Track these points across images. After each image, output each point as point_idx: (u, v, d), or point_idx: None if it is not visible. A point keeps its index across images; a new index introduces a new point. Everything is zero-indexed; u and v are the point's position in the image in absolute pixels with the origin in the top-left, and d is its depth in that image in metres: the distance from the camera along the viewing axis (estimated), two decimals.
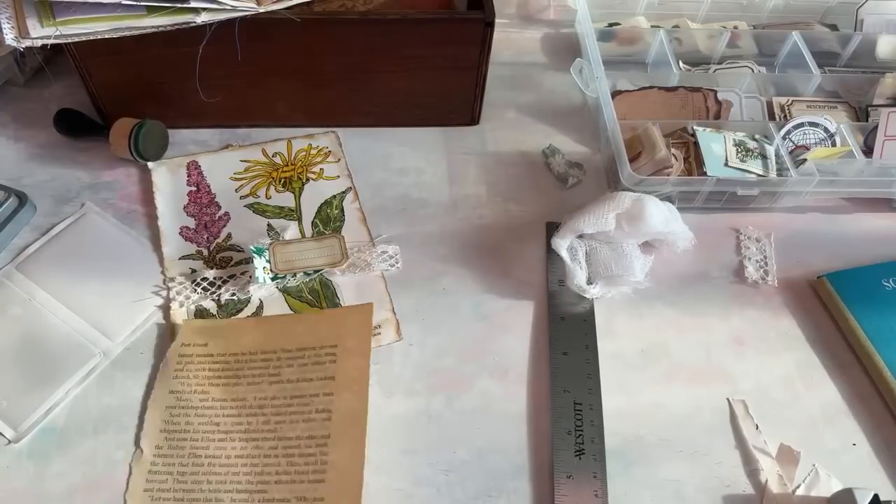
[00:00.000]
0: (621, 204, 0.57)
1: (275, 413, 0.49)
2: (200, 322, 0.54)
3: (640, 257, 0.59)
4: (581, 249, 0.59)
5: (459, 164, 0.67)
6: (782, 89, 0.73)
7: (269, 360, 0.52)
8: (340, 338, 0.52)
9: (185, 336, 0.53)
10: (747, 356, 0.56)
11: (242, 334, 0.54)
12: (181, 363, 0.52)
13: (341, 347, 0.52)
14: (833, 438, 0.52)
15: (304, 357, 0.52)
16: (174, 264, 0.58)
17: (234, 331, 0.54)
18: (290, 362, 0.52)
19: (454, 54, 0.62)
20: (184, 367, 0.52)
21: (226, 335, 0.53)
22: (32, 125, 0.66)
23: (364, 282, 0.58)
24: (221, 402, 0.50)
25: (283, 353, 0.52)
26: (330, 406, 0.49)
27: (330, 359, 0.51)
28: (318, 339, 0.52)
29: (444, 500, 0.48)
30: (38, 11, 0.54)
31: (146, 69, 0.61)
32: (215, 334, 0.54)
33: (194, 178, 0.64)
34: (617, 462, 0.50)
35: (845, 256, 0.61)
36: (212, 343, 0.53)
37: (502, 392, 0.53)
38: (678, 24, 0.78)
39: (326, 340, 0.52)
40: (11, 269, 0.56)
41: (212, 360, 0.52)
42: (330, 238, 0.58)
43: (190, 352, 0.53)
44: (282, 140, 0.67)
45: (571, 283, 0.56)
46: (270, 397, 0.50)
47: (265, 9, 0.56)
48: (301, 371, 0.51)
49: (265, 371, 0.51)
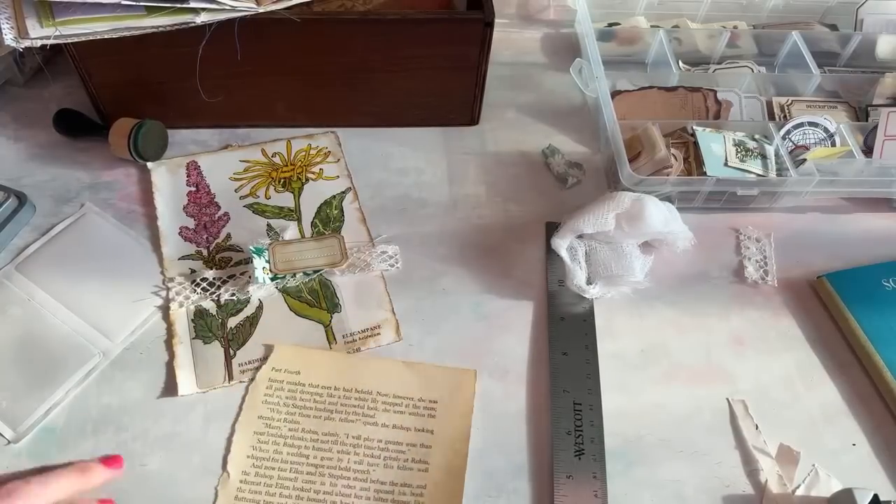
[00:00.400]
0: (621, 204, 0.57)
1: (368, 455, 0.49)
2: (294, 348, 0.54)
3: (640, 257, 0.59)
4: (581, 249, 0.59)
5: (459, 164, 0.67)
6: (782, 89, 0.73)
7: (364, 399, 0.51)
8: (442, 395, 0.52)
9: (277, 360, 0.53)
10: (747, 356, 0.56)
11: (339, 368, 0.53)
12: (271, 388, 0.51)
13: (441, 404, 0.51)
14: (833, 438, 0.52)
15: (401, 405, 0.51)
16: (174, 264, 0.58)
17: (331, 362, 0.53)
18: (387, 407, 0.51)
19: (454, 54, 0.62)
20: (273, 392, 0.51)
21: (321, 365, 0.53)
22: (32, 125, 0.66)
23: (364, 282, 0.58)
24: (312, 435, 0.49)
25: (380, 397, 0.51)
26: (427, 458, 0.49)
27: (429, 413, 0.51)
28: (419, 392, 0.52)
29: None
30: (38, 12, 0.54)
31: (146, 69, 0.61)
32: (309, 363, 0.53)
33: (194, 179, 0.64)
34: (617, 462, 0.50)
35: (845, 256, 0.61)
36: (305, 371, 0.52)
37: (502, 392, 0.53)
38: (678, 24, 0.77)
39: (427, 395, 0.52)
40: (11, 270, 0.56)
41: (303, 390, 0.51)
42: (329, 238, 0.58)
43: (281, 377, 0.52)
44: (281, 140, 0.67)
45: (571, 283, 0.56)
46: (364, 437, 0.50)
47: (265, 9, 0.56)
48: (398, 418, 0.51)
49: (360, 410, 0.51)
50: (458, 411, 0.51)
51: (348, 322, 0.56)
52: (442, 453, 0.49)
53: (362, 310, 0.56)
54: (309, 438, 0.49)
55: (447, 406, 0.51)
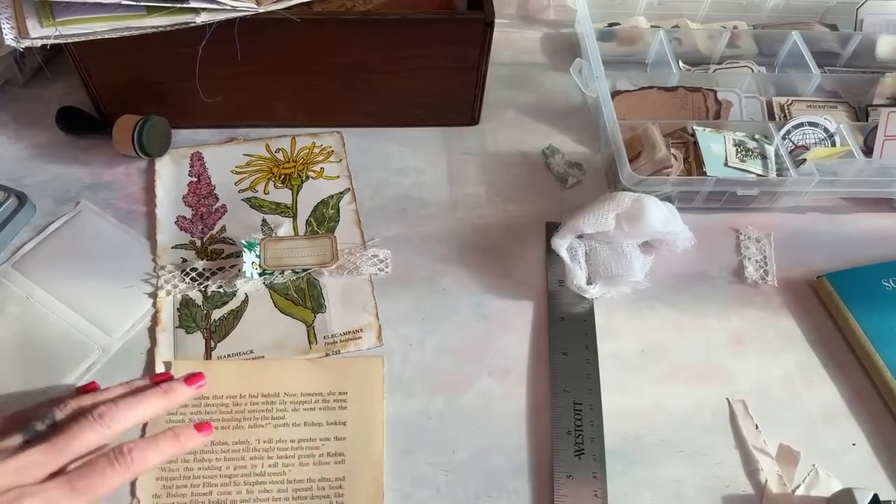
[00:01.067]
0: (621, 204, 0.57)
1: (282, 456, 0.49)
2: (192, 363, 0.52)
3: (640, 257, 0.59)
4: (581, 249, 0.59)
5: (459, 164, 0.67)
6: (782, 89, 0.73)
7: (272, 402, 0.51)
8: (350, 386, 0.52)
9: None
10: (747, 356, 0.56)
11: (239, 376, 0.52)
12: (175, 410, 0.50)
13: (351, 394, 0.51)
14: (833, 438, 0.52)
15: (310, 402, 0.51)
16: (166, 252, 0.58)
17: (229, 372, 0.52)
18: (296, 406, 0.51)
19: (454, 54, 0.62)
20: (176, 410, 0.50)
21: (220, 376, 0.52)
22: (32, 125, 0.66)
23: (351, 284, 0.58)
24: (222, 446, 0.49)
25: (287, 397, 0.51)
26: (342, 450, 0.49)
27: (340, 405, 0.51)
28: (327, 386, 0.52)
29: (443, 500, 0.48)
30: (38, 11, 0.54)
31: (146, 69, 0.61)
32: (213, 374, 0.50)
33: (196, 169, 0.64)
34: (617, 462, 0.50)
35: (845, 256, 0.61)
36: (208, 384, 0.50)
37: (502, 392, 0.53)
38: (678, 24, 0.77)
39: (335, 387, 0.52)
40: (8, 268, 0.56)
41: (207, 403, 0.51)
42: (322, 238, 0.58)
43: None
44: (286, 137, 0.67)
45: (571, 283, 0.56)
46: (277, 440, 0.49)
47: (265, 9, 0.56)
48: (308, 415, 0.50)
49: (269, 414, 0.50)
50: (368, 398, 0.51)
51: (331, 323, 0.55)
52: (357, 442, 0.49)
53: (347, 312, 0.56)
54: (219, 450, 0.49)
55: (357, 395, 0.51)
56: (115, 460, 0.39)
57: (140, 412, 0.43)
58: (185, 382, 0.46)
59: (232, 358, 0.53)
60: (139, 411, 0.43)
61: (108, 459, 0.39)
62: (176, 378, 0.46)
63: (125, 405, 0.42)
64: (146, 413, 0.43)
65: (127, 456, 0.40)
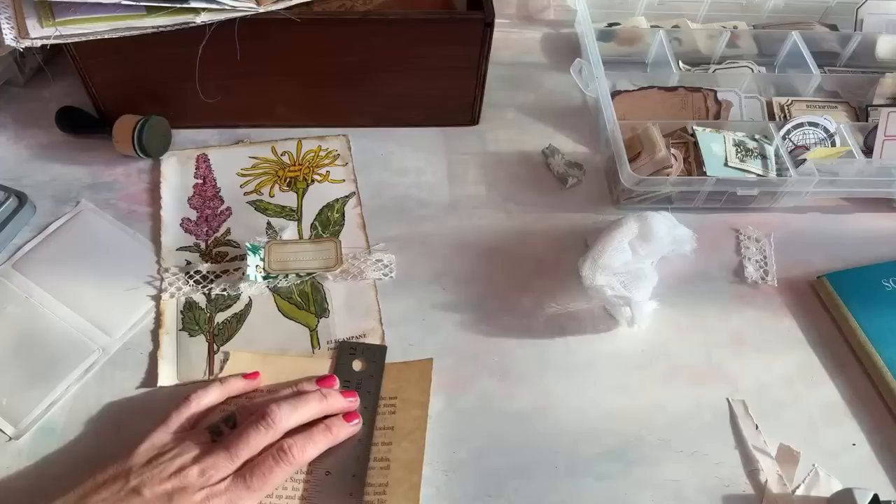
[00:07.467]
0: (629, 228, 0.56)
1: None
2: (250, 354, 0.53)
3: (654, 276, 0.57)
4: (617, 283, 0.55)
5: (459, 164, 0.67)
6: (782, 89, 0.73)
7: None
8: (400, 390, 0.52)
9: (233, 368, 0.52)
10: (747, 356, 0.56)
11: (301, 372, 0.52)
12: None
13: (400, 399, 0.51)
14: (833, 438, 0.52)
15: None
16: (171, 254, 0.58)
17: (291, 367, 0.52)
18: None
19: (454, 54, 0.62)
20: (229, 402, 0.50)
21: (281, 370, 0.52)
22: (32, 125, 0.66)
23: (355, 289, 0.57)
24: None
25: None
26: (388, 455, 0.49)
27: (389, 410, 0.51)
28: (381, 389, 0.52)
29: (443, 500, 0.48)
30: (38, 12, 0.54)
31: (146, 69, 0.61)
32: (270, 368, 0.52)
33: (202, 171, 0.64)
34: (617, 462, 0.50)
35: (845, 256, 0.61)
36: (265, 377, 0.51)
37: (502, 392, 0.53)
38: (678, 24, 0.77)
39: (386, 392, 0.51)
40: (8, 268, 0.56)
41: (262, 396, 0.50)
42: (327, 242, 0.58)
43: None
44: (292, 139, 0.67)
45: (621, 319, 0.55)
46: None
47: (265, 9, 0.56)
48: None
49: None
50: (416, 403, 0.51)
51: (335, 328, 0.55)
52: (402, 448, 0.49)
53: (350, 317, 0.56)
54: None
55: (405, 400, 0.51)
56: (279, 458, 0.44)
57: (301, 414, 0.46)
58: (342, 395, 0.49)
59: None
60: (300, 413, 0.46)
61: (274, 458, 0.44)
62: (333, 388, 0.50)
63: (290, 408, 0.46)
64: (305, 416, 0.47)
65: (288, 452, 0.44)
